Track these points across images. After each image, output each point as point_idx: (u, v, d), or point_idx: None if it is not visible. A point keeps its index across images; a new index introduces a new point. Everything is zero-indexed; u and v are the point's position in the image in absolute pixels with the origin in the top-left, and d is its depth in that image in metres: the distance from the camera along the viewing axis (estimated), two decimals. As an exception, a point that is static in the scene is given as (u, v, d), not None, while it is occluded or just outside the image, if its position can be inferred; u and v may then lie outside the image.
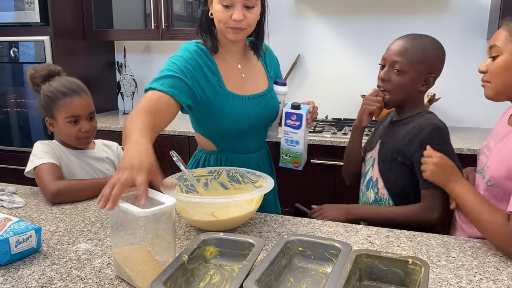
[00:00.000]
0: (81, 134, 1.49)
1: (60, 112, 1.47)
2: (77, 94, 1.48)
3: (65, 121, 1.47)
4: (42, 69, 1.49)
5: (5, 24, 2.67)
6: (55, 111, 1.48)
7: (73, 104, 1.47)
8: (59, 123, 1.49)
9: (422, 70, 1.29)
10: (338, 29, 2.71)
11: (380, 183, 1.36)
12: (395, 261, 0.89)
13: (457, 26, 2.50)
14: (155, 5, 2.69)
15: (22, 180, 1.69)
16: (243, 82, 1.43)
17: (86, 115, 1.50)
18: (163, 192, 1.17)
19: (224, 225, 1.15)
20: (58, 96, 1.46)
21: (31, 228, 1.02)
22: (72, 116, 1.47)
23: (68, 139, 1.51)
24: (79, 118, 1.48)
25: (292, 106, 1.38)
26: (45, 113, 1.51)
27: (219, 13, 1.29)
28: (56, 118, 1.49)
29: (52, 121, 1.51)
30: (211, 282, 0.92)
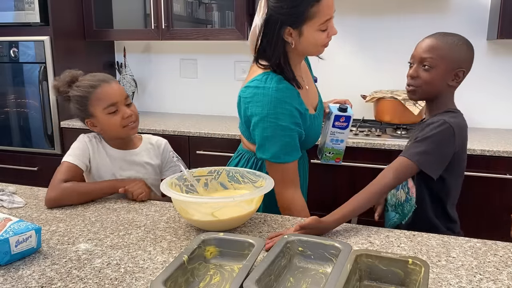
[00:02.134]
0: (125, 121, 1.44)
1: (97, 106, 1.42)
2: (106, 83, 1.44)
3: (105, 113, 1.42)
4: (65, 77, 1.46)
5: (5, 24, 2.67)
6: (91, 107, 1.42)
7: (106, 92, 1.42)
8: (99, 118, 1.43)
9: (450, 65, 1.29)
10: (338, 29, 2.70)
11: (410, 182, 1.35)
12: (395, 261, 0.89)
13: (457, 26, 2.50)
14: (155, 5, 2.68)
15: (22, 180, 1.69)
16: (308, 95, 1.42)
17: (123, 101, 1.45)
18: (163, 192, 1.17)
19: (224, 225, 1.15)
20: (89, 91, 1.41)
21: (31, 228, 1.02)
22: (109, 105, 1.41)
23: (113, 130, 1.45)
24: (118, 105, 1.43)
25: (340, 109, 1.46)
26: (83, 115, 1.46)
27: (318, 38, 1.27)
28: (95, 115, 1.43)
29: (92, 120, 1.46)
30: (211, 282, 0.92)
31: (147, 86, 3.20)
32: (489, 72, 2.53)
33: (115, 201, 1.41)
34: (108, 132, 1.48)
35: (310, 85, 1.48)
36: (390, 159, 2.11)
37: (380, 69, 2.67)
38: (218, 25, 2.99)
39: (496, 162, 2.02)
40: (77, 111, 1.46)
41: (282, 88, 1.28)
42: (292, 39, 1.27)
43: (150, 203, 1.39)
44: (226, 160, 2.38)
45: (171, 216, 1.28)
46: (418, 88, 1.33)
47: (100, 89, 1.42)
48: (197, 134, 2.46)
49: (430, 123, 1.28)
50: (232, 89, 3.01)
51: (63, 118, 2.74)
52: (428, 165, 1.24)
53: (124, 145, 1.53)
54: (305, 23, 1.24)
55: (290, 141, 1.31)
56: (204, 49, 3.02)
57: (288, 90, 1.29)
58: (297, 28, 1.25)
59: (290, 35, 1.27)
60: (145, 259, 1.01)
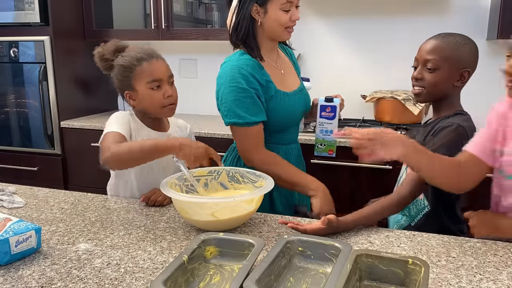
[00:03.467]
0: (166, 100, 1.39)
1: (140, 79, 1.37)
2: (154, 58, 1.39)
3: (147, 87, 1.37)
4: (111, 45, 1.42)
5: (5, 24, 2.67)
6: (133, 80, 1.37)
7: (152, 67, 1.37)
8: (140, 93, 1.38)
9: (454, 65, 1.29)
10: (338, 29, 2.71)
11: None
12: (395, 261, 0.89)
13: (457, 26, 2.50)
14: (155, 5, 2.68)
15: (22, 180, 1.69)
16: (284, 78, 1.52)
17: (167, 79, 1.40)
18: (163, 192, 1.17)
19: (224, 225, 1.15)
20: (134, 63, 1.37)
21: (31, 228, 1.02)
22: (153, 80, 1.36)
23: (152, 107, 1.40)
24: (161, 83, 1.38)
25: (326, 99, 1.51)
26: (123, 86, 1.40)
27: (281, 17, 1.40)
28: (136, 88, 1.38)
29: (132, 93, 1.40)
30: (211, 282, 0.92)
31: (147, 86, 3.20)
32: (489, 72, 2.52)
33: (115, 201, 1.41)
34: (146, 108, 1.42)
35: (289, 73, 1.57)
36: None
37: (380, 69, 2.67)
38: (218, 25, 2.99)
39: (496, 162, 2.02)
40: (118, 82, 1.41)
41: (242, 59, 1.42)
42: (259, 16, 1.41)
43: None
44: (226, 160, 2.39)
45: (171, 216, 1.28)
46: (424, 90, 1.32)
47: (147, 63, 1.37)
48: (197, 134, 2.46)
49: (445, 126, 1.27)
50: (232, 89, 3.01)
51: (63, 118, 2.74)
52: None
53: (157, 126, 1.48)
54: (269, 0, 1.38)
55: (252, 101, 1.39)
56: (204, 49, 3.01)
57: (248, 60, 1.41)
58: (262, 6, 1.39)
59: (258, 13, 1.41)
60: (145, 259, 1.01)
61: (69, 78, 2.80)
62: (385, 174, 2.12)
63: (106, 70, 1.44)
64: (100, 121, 2.75)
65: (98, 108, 3.07)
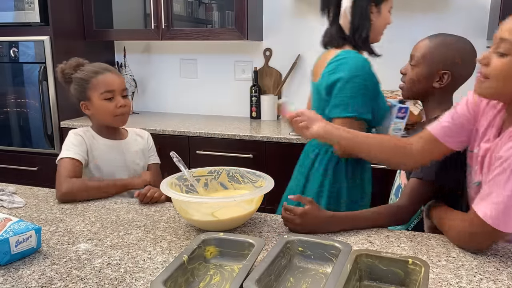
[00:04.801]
0: (118, 110, 1.50)
1: (95, 90, 1.49)
2: (109, 71, 1.52)
3: (101, 98, 1.49)
4: (72, 62, 1.56)
5: (5, 24, 2.67)
6: (89, 90, 1.50)
7: (107, 79, 1.50)
8: (94, 103, 1.50)
9: (431, 65, 1.27)
10: (338, 29, 2.71)
11: None
12: (395, 261, 0.89)
13: (457, 26, 2.50)
14: (155, 5, 2.68)
15: (22, 180, 1.69)
16: None
17: (120, 91, 1.52)
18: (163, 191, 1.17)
19: (224, 225, 1.15)
20: (91, 76, 1.50)
21: (31, 228, 1.02)
22: (106, 91, 1.49)
23: (104, 117, 1.52)
24: (114, 94, 1.50)
25: (401, 101, 1.60)
26: (80, 97, 1.52)
27: (387, 19, 1.49)
28: (91, 98, 1.50)
29: (87, 104, 1.52)
30: (211, 282, 0.92)
31: (147, 86, 3.20)
32: (489, 72, 2.53)
33: (115, 201, 1.41)
34: (99, 117, 1.54)
35: None
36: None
37: (380, 69, 2.65)
38: (218, 25, 2.99)
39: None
40: (76, 92, 1.53)
41: (365, 58, 1.45)
42: (373, 15, 1.45)
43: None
44: (226, 160, 2.40)
45: (171, 216, 1.28)
46: (404, 85, 1.36)
47: (102, 76, 1.50)
48: (197, 134, 2.46)
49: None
50: (232, 89, 3.01)
51: (63, 118, 2.74)
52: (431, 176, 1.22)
53: (114, 136, 1.59)
54: (383, 2, 1.45)
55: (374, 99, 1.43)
56: (204, 49, 3.02)
57: (368, 61, 1.45)
58: (378, 6, 1.45)
59: (372, 12, 1.45)
60: (145, 259, 1.01)
61: (69, 78, 2.80)
62: (385, 174, 2.12)
63: (65, 83, 1.58)
64: (100, 121, 2.75)
65: (98, 108, 3.07)
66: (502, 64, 0.97)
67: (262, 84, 2.90)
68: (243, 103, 2.97)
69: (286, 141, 2.28)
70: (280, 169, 2.34)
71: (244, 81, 2.97)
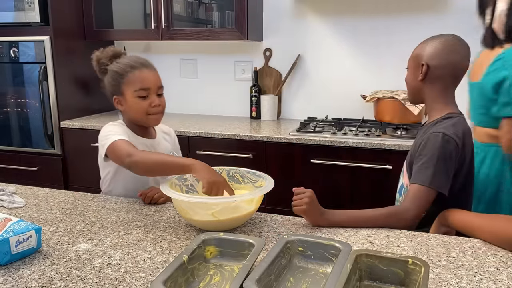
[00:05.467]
0: (152, 109, 1.43)
1: (129, 86, 1.41)
2: (146, 67, 1.44)
3: (134, 95, 1.41)
4: (108, 51, 1.47)
5: (5, 24, 2.67)
6: (123, 86, 1.42)
7: (143, 76, 1.41)
8: (127, 99, 1.42)
9: (415, 60, 1.35)
10: (338, 29, 2.71)
11: None
12: (395, 261, 0.89)
13: (457, 26, 2.49)
14: (155, 5, 2.68)
15: (22, 180, 1.69)
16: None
17: (156, 89, 1.44)
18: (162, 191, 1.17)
19: (224, 225, 1.15)
20: (126, 70, 1.41)
21: (31, 228, 1.02)
22: (141, 88, 1.40)
23: (137, 115, 1.44)
24: (149, 92, 1.42)
25: None
26: (113, 91, 1.45)
27: None
28: (125, 94, 1.42)
29: (120, 99, 1.45)
30: (211, 282, 0.92)
31: (147, 86, 3.20)
32: (489, 72, 2.53)
33: (115, 201, 1.42)
34: (131, 115, 1.46)
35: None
36: (390, 159, 2.12)
37: (380, 69, 2.67)
38: (218, 25, 2.99)
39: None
40: (109, 86, 1.45)
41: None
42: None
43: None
44: (226, 160, 2.40)
45: (171, 216, 1.28)
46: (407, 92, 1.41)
47: (139, 72, 1.41)
48: (197, 134, 2.46)
49: (429, 138, 1.25)
50: (232, 89, 3.01)
51: (63, 118, 2.74)
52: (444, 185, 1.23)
53: (145, 134, 1.52)
54: None
55: None
56: (204, 49, 3.02)
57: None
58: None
59: None
60: (145, 259, 1.01)
61: (69, 78, 2.80)
62: (385, 174, 2.12)
63: (100, 74, 1.48)
64: (100, 121, 2.75)
65: (98, 108, 3.07)
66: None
67: (262, 84, 2.90)
68: (243, 103, 2.97)
69: (286, 141, 2.28)
70: (280, 169, 2.34)
71: (244, 81, 2.97)
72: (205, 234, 1.01)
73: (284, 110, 2.92)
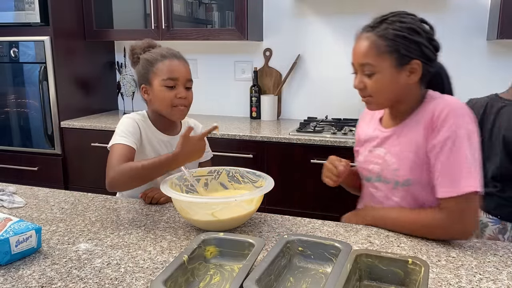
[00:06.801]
0: (177, 101, 1.39)
1: (157, 75, 1.38)
2: (176, 58, 1.42)
3: (161, 85, 1.38)
4: (144, 41, 1.47)
5: (5, 24, 2.67)
6: (151, 74, 1.39)
7: (171, 66, 1.39)
8: (154, 88, 1.39)
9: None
10: (338, 29, 2.71)
11: None
12: (395, 261, 0.89)
13: (457, 26, 2.50)
14: (155, 5, 2.68)
15: (22, 180, 1.69)
16: None
17: (184, 81, 1.40)
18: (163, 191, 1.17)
19: (224, 225, 1.15)
20: (157, 59, 1.39)
21: (31, 228, 1.02)
22: (169, 78, 1.37)
23: (162, 106, 1.40)
24: (177, 83, 1.39)
25: None
26: (142, 80, 1.43)
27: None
28: (152, 83, 1.40)
29: (147, 88, 1.42)
30: (211, 282, 0.92)
31: (147, 86, 3.20)
32: (489, 72, 2.53)
33: (115, 201, 1.42)
34: (156, 106, 1.43)
35: None
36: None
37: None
38: (218, 25, 2.99)
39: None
40: (139, 74, 1.44)
41: None
42: None
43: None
44: (226, 160, 2.40)
45: (171, 216, 1.28)
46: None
47: (168, 61, 1.39)
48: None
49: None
50: (232, 89, 3.01)
51: (63, 118, 2.74)
52: None
53: (169, 129, 1.49)
54: None
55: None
56: (204, 49, 3.02)
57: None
58: None
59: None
60: (145, 259, 1.01)
61: (69, 78, 2.80)
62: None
63: (133, 64, 1.48)
64: (100, 121, 2.75)
65: (98, 108, 3.07)
66: (375, 82, 1.16)
67: (262, 84, 2.90)
68: (243, 103, 2.97)
69: (286, 141, 2.28)
70: (280, 169, 2.34)
71: (244, 81, 2.97)
72: (205, 234, 1.01)
73: (284, 110, 2.92)
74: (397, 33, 1.13)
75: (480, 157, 1.13)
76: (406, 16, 1.17)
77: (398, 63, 1.14)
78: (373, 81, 1.16)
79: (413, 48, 1.13)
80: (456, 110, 1.11)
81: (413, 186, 1.17)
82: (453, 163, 1.08)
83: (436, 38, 1.18)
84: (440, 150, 1.10)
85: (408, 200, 1.19)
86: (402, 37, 1.13)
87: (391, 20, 1.17)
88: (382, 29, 1.15)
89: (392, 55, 1.13)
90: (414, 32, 1.14)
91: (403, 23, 1.14)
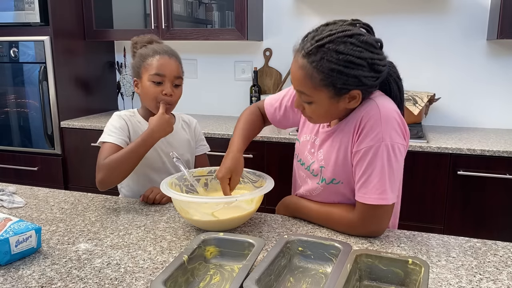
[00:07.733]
0: (162, 97, 1.41)
1: (147, 70, 1.42)
2: (167, 55, 1.44)
3: (149, 79, 1.41)
4: (145, 37, 1.51)
5: (5, 24, 2.67)
6: (142, 69, 1.43)
7: (160, 62, 1.41)
8: (143, 83, 1.43)
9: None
10: (338, 29, 2.71)
11: None
12: (395, 261, 0.89)
13: (457, 26, 2.50)
14: (155, 5, 2.68)
15: (22, 180, 1.69)
16: None
17: (172, 78, 1.42)
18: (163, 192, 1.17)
19: (224, 225, 1.15)
20: (148, 54, 1.43)
21: (31, 228, 1.02)
22: (156, 73, 1.40)
23: (148, 101, 1.44)
24: (164, 79, 1.41)
25: None
26: (135, 72, 1.46)
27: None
28: (142, 77, 1.43)
29: (138, 82, 1.46)
30: (211, 282, 0.92)
31: (147, 86, 3.20)
32: (488, 73, 2.53)
33: (115, 201, 1.42)
34: (144, 100, 1.48)
35: None
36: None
37: (380, 69, 2.66)
38: (218, 25, 2.99)
39: (496, 162, 2.02)
40: (133, 68, 1.48)
41: None
42: None
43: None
44: (226, 160, 2.39)
45: (171, 216, 1.28)
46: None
47: (158, 57, 1.42)
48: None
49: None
50: (232, 89, 3.01)
51: (63, 118, 2.74)
52: None
53: None
54: None
55: None
56: (204, 49, 3.02)
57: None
58: None
59: None
60: (145, 259, 1.01)
61: (69, 78, 2.80)
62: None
63: (132, 57, 1.51)
64: (100, 121, 2.75)
65: (98, 108, 3.07)
66: (313, 110, 1.14)
67: (262, 84, 2.90)
68: (243, 103, 2.97)
69: (286, 141, 2.28)
70: (280, 169, 2.34)
71: (244, 81, 2.97)
72: (205, 234, 1.01)
73: (284, 110, 2.92)
74: (332, 66, 1.04)
75: (401, 169, 1.16)
76: (345, 41, 1.05)
77: (335, 94, 1.08)
78: (311, 109, 1.14)
79: (351, 81, 1.06)
80: (385, 119, 1.09)
81: (339, 185, 1.19)
82: (370, 174, 1.10)
83: (380, 56, 1.11)
84: (361, 158, 1.11)
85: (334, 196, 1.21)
86: (338, 72, 1.04)
87: (327, 48, 1.05)
88: (317, 60, 1.05)
89: (329, 88, 1.07)
90: (351, 65, 1.04)
91: (340, 54, 1.03)
